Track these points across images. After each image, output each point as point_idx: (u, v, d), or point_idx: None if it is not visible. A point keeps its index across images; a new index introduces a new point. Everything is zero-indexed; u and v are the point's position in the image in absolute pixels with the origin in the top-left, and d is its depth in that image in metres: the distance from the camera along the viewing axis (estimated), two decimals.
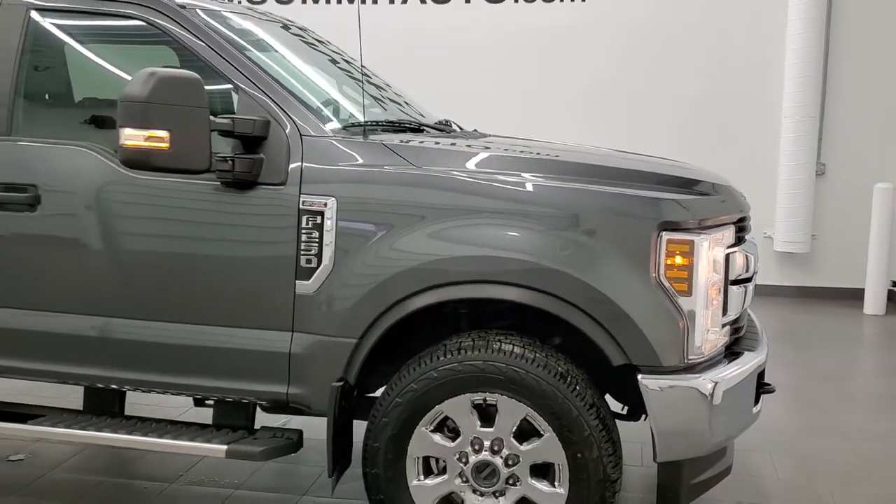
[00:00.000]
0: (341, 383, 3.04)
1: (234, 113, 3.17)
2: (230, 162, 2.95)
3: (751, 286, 3.22)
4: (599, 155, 3.61)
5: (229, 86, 3.23)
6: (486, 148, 3.48)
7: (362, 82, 3.62)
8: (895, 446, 4.56)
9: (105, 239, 3.19)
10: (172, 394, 3.32)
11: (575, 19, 8.35)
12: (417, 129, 3.67)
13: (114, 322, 3.21)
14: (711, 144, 7.92)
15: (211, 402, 3.41)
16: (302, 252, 3.02)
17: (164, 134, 2.78)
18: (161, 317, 3.17)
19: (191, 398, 3.44)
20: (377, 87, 4.17)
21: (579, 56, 8.24)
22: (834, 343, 6.92)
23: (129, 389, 3.35)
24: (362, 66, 3.63)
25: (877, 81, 7.89)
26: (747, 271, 3.12)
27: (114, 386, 3.29)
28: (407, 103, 4.19)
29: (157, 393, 3.33)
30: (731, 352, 3.13)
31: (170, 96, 2.79)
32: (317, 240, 3.00)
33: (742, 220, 3.21)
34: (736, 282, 3.06)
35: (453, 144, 3.43)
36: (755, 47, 8.09)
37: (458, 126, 3.97)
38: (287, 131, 3.06)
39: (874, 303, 7.76)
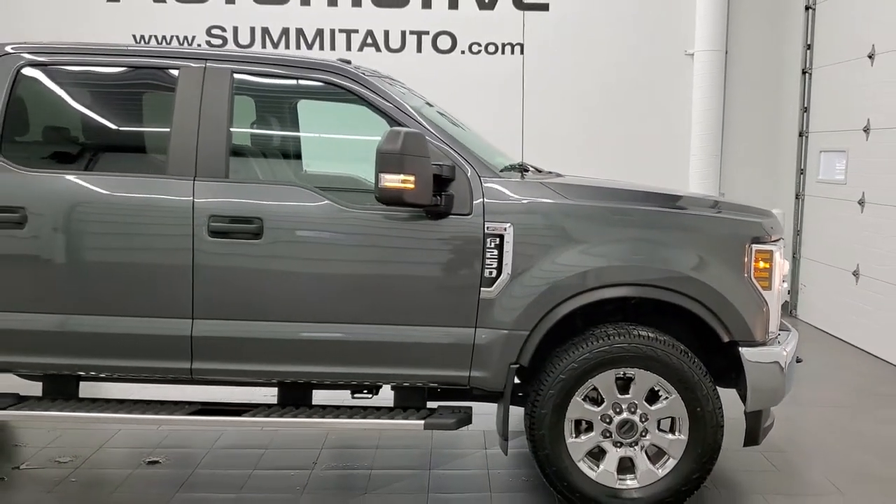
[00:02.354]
0: (516, 366, 3.96)
1: None
2: (439, 198, 3.82)
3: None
4: (688, 192, 4.69)
5: None
6: (609, 184, 4.44)
7: (522, 134, 4.57)
8: None
9: (321, 260, 3.95)
10: (369, 384, 4.10)
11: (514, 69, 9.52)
12: (526, 169, 4.63)
13: (324, 326, 3.96)
14: (635, 177, 9.29)
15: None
16: (486, 266, 3.92)
17: (411, 178, 3.63)
18: (368, 320, 3.95)
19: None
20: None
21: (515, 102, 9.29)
22: None
23: (333, 382, 4.08)
24: (522, 121, 4.58)
25: (766, 126, 9.58)
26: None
27: (328, 381, 4.03)
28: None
29: (355, 384, 4.10)
30: None
31: (411, 148, 3.65)
32: (497, 256, 3.92)
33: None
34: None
35: (585, 182, 4.40)
36: (669, 101, 9.59)
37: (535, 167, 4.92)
38: (469, 174, 3.96)
39: None
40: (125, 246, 3.93)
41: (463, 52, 9.69)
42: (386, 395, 4.26)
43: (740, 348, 3.99)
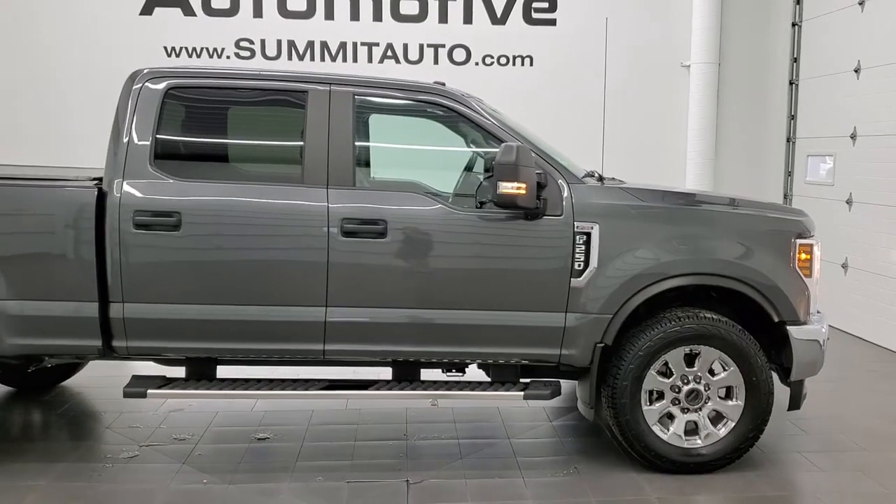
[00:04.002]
0: (602, 345, 4.66)
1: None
2: (539, 201, 4.50)
3: None
4: (738, 195, 5.39)
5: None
6: (677, 189, 5.16)
7: (603, 142, 5.26)
8: None
9: (436, 256, 4.59)
10: (470, 362, 4.77)
11: (525, 79, 10.24)
12: (593, 174, 5.31)
13: (438, 312, 4.60)
14: (636, 179, 10.07)
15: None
16: (575, 259, 4.61)
17: (524, 185, 4.31)
18: (475, 306, 4.61)
19: None
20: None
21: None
22: None
23: (447, 360, 4.73)
24: (604, 130, 5.26)
25: (756, 132, 10.42)
26: None
27: (439, 359, 4.68)
28: None
29: (458, 362, 4.77)
30: None
31: (523, 160, 4.32)
32: (584, 251, 4.61)
33: None
34: None
35: (655, 186, 5.09)
36: (667, 109, 10.39)
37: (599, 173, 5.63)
38: (559, 181, 4.65)
39: None
40: (268, 245, 4.53)
41: (477, 64, 10.35)
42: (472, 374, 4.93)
43: (788, 327, 4.74)
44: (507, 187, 4.29)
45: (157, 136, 4.52)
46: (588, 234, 4.60)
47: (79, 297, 4.43)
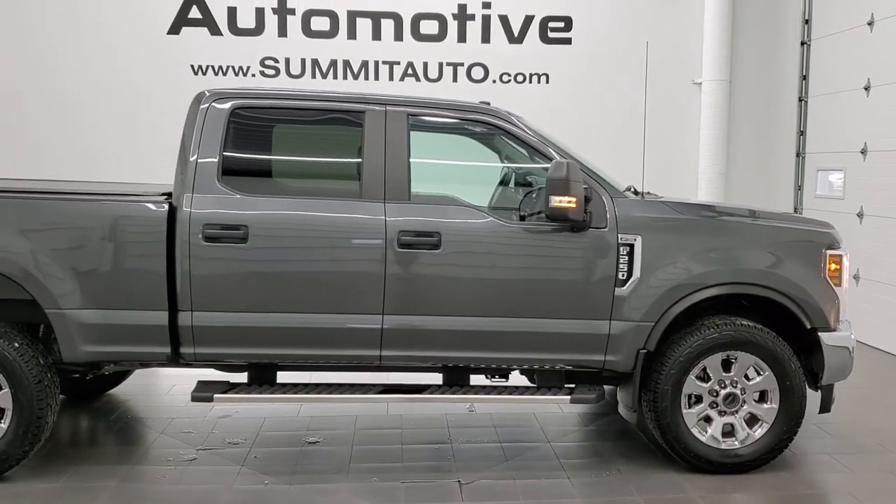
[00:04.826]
0: (644, 351, 4.91)
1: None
2: (586, 214, 4.76)
3: None
4: (771, 209, 5.64)
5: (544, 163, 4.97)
6: (714, 202, 5.41)
7: (643, 158, 5.53)
8: None
9: (487, 266, 4.83)
10: (517, 367, 5.01)
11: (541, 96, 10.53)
12: (631, 188, 5.57)
13: (489, 320, 4.84)
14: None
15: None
16: (619, 269, 4.86)
17: (574, 199, 4.57)
18: (524, 314, 4.85)
19: None
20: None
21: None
22: None
23: (494, 367, 4.98)
24: (644, 145, 5.53)
25: (766, 147, 10.73)
26: None
27: (484, 365, 4.94)
28: None
29: (504, 367, 5.01)
30: None
31: (573, 175, 4.58)
32: (628, 262, 4.86)
33: None
34: None
35: (692, 200, 5.37)
36: (679, 125, 10.69)
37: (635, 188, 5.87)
38: (603, 196, 4.91)
39: None
40: (329, 256, 4.78)
41: (494, 82, 10.63)
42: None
43: (819, 333, 5.00)
44: (559, 201, 4.55)
45: (224, 153, 4.76)
46: (631, 246, 4.86)
47: (150, 306, 4.65)
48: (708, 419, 5.02)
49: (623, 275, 4.86)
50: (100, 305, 4.64)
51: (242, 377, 5.05)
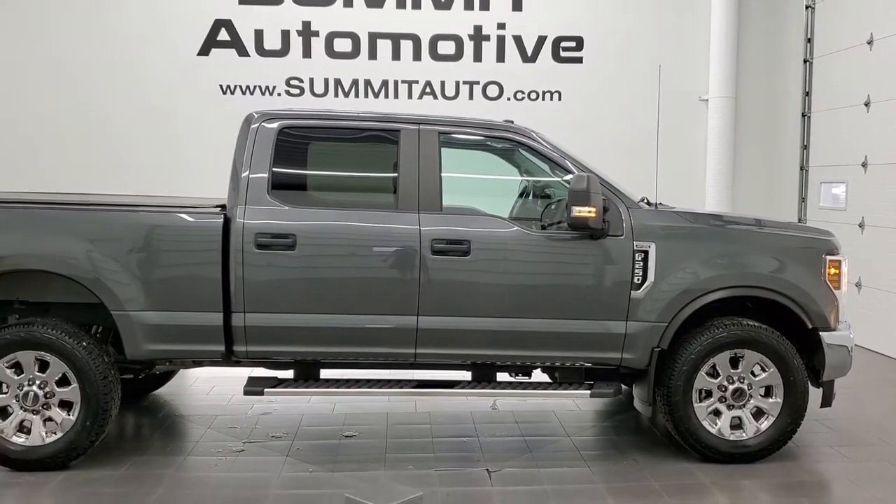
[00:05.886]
0: (658, 349, 5.33)
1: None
2: (604, 223, 5.19)
3: None
4: (775, 217, 6.05)
5: (565, 175, 5.41)
6: (723, 212, 5.82)
7: (657, 170, 5.97)
8: None
9: (514, 272, 5.27)
10: (539, 365, 5.44)
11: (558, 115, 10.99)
12: (644, 199, 5.99)
13: (515, 321, 5.27)
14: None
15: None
16: (634, 274, 5.29)
17: (594, 209, 5.01)
18: (547, 315, 5.27)
19: None
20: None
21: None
22: None
23: (519, 364, 5.40)
24: (657, 160, 5.98)
25: (770, 161, 11.17)
26: None
27: (510, 362, 5.36)
28: None
29: (527, 365, 5.45)
30: None
31: (593, 187, 5.03)
32: (643, 267, 5.29)
33: None
34: None
35: (703, 210, 5.79)
36: (687, 140, 11.12)
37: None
38: (620, 206, 5.34)
39: None
40: (368, 262, 5.21)
41: (509, 99, 11.10)
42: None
43: (820, 333, 5.41)
44: (580, 211, 4.99)
45: (273, 168, 5.22)
46: (646, 252, 5.29)
47: (206, 307, 5.10)
48: (717, 412, 5.42)
49: (638, 279, 5.28)
50: (161, 307, 5.08)
51: (288, 374, 5.48)
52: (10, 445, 5.07)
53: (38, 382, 5.06)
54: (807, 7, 10.71)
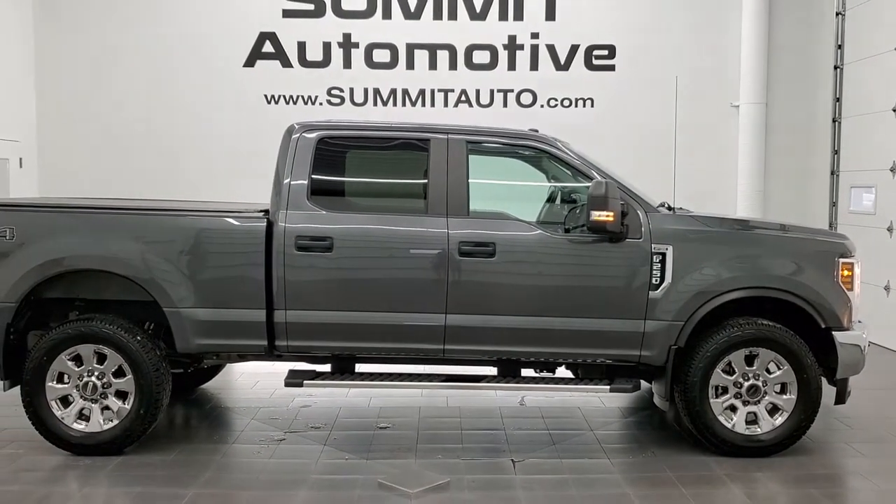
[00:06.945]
0: (676, 347, 5.59)
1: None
2: (623, 227, 5.48)
3: None
4: (787, 221, 6.28)
5: (586, 182, 5.69)
6: (738, 216, 6.06)
7: (674, 176, 6.25)
8: None
9: (537, 273, 5.57)
10: (562, 361, 5.74)
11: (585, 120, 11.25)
12: (663, 204, 6.25)
13: (539, 319, 5.58)
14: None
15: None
16: (652, 275, 5.56)
17: (612, 213, 5.30)
18: (569, 314, 5.57)
19: None
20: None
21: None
22: None
23: (542, 360, 5.71)
24: (675, 165, 6.26)
25: (802, 166, 11.30)
26: None
27: (533, 359, 5.67)
28: None
29: (551, 362, 5.75)
30: None
31: (611, 193, 5.32)
32: (661, 268, 5.56)
33: None
34: None
35: (718, 214, 6.03)
36: (718, 146, 11.31)
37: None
38: (638, 210, 5.62)
39: None
40: (400, 264, 5.57)
41: (542, 106, 11.41)
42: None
43: (833, 333, 5.63)
44: (599, 215, 5.29)
45: (312, 176, 5.61)
46: (663, 255, 5.56)
47: (250, 305, 5.50)
48: (733, 408, 5.66)
49: (656, 280, 5.56)
50: (209, 305, 5.49)
51: (326, 368, 5.86)
52: (71, 431, 5.51)
53: (96, 374, 5.50)
54: (837, 14, 10.84)
